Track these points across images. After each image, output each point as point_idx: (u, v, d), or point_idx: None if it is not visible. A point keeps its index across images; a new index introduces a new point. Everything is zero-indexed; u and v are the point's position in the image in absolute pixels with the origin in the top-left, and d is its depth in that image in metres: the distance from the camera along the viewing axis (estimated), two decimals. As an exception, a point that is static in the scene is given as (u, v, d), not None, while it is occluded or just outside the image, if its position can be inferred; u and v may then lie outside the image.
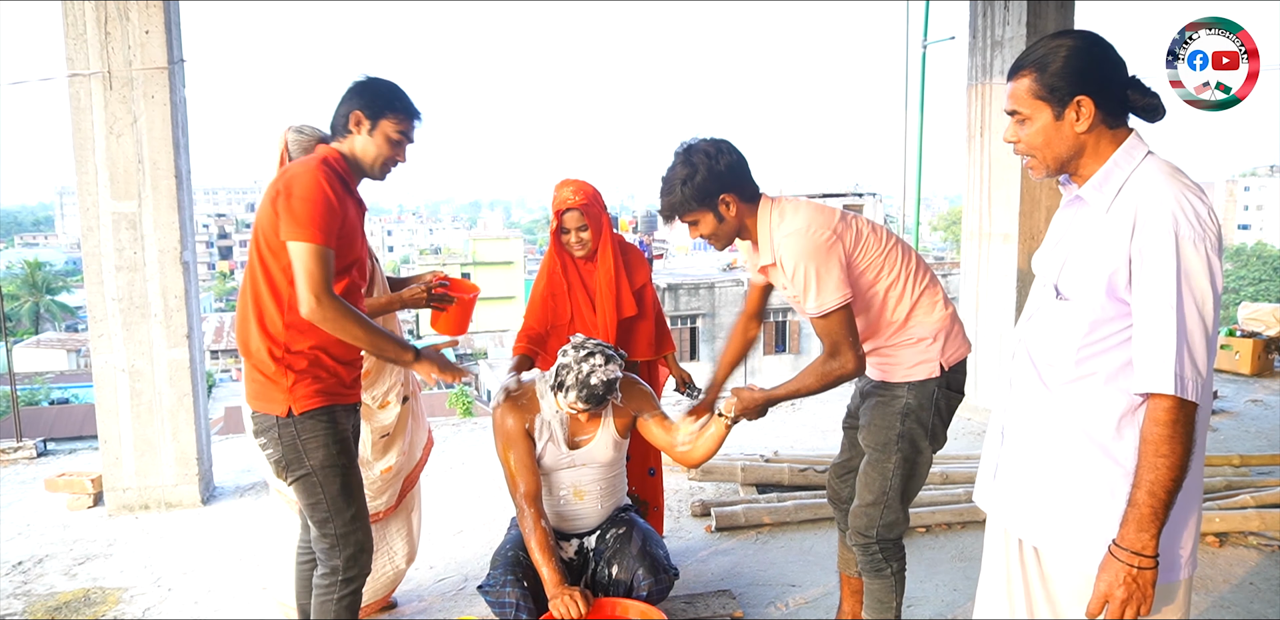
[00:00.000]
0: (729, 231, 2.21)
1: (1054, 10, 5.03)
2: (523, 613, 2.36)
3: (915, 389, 2.27)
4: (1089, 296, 1.52)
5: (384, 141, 2.15)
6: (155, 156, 3.93)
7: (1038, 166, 1.60)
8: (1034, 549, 1.64)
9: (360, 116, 2.13)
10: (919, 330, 2.24)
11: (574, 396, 2.37)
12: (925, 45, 7.00)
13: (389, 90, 2.17)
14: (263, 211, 2.06)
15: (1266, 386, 6.35)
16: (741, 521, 3.69)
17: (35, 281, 39.48)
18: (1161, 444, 1.40)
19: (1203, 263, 1.41)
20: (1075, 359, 1.55)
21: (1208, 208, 1.45)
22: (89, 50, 3.85)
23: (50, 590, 3.25)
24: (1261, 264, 45.53)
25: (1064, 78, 1.50)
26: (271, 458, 2.15)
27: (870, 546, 2.37)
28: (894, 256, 2.22)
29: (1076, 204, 1.61)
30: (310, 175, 2.01)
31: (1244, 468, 4.28)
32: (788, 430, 5.34)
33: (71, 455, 5.05)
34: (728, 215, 2.15)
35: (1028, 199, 5.07)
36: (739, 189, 2.14)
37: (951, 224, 52.52)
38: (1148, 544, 1.41)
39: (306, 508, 2.19)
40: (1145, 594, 1.41)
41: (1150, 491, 1.40)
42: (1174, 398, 1.40)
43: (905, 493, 2.34)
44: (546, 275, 2.93)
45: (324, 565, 2.21)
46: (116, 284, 3.96)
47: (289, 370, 2.08)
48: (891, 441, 2.29)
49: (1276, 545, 3.38)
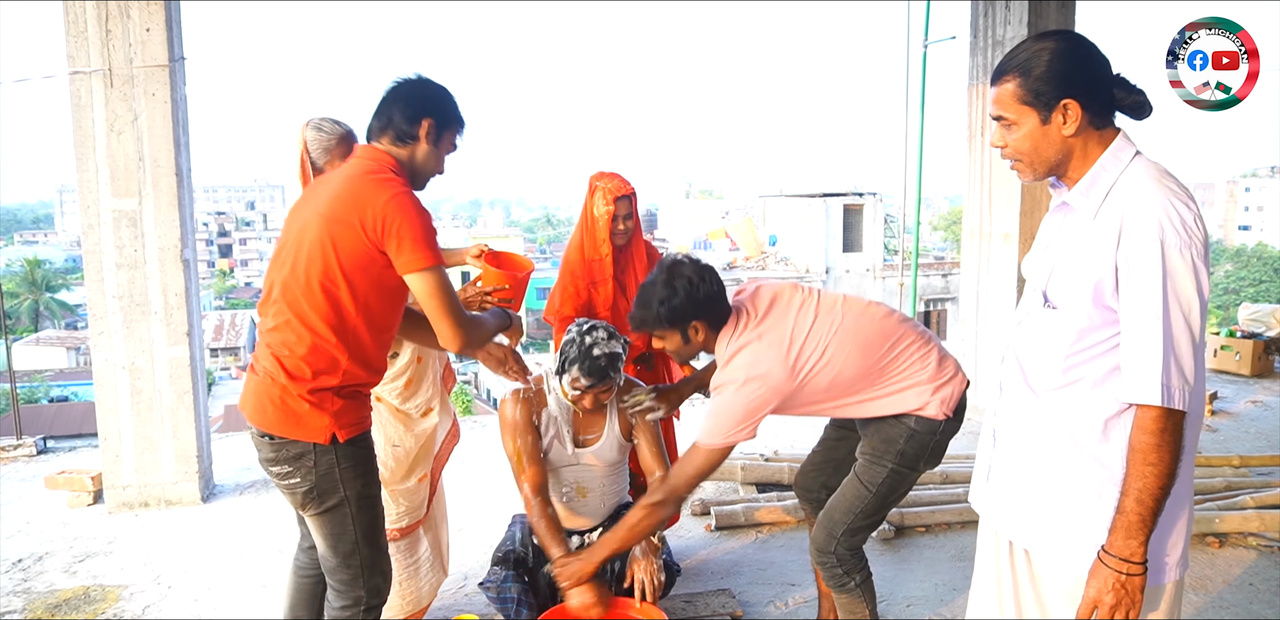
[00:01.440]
0: (690, 353, 2.28)
1: (1055, 10, 5.03)
2: (524, 608, 2.37)
3: (921, 420, 2.25)
4: (1076, 304, 1.51)
5: (441, 155, 2.06)
6: (156, 154, 3.93)
7: (1025, 170, 1.59)
8: (1024, 551, 1.64)
9: (432, 126, 1.99)
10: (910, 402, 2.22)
11: (576, 371, 2.37)
12: (926, 45, 6.99)
13: (453, 99, 2.06)
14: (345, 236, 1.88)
15: (1267, 387, 6.35)
16: (741, 520, 3.69)
17: (35, 279, 39.46)
18: (1149, 452, 1.41)
19: (1189, 270, 1.40)
20: (1063, 366, 1.54)
21: (1194, 214, 1.44)
22: (90, 48, 3.85)
23: (50, 588, 3.25)
24: (1262, 265, 45.53)
25: (1049, 82, 1.48)
26: (298, 488, 1.98)
27: (828, 562, 2.35)
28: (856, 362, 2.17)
29: (1064, 209, 1.59)
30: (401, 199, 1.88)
31: (1244, 468, 4.28)
32: (787, 429, 5.34)
33: (71, 453, 5.05)
34: (694, 339, 2.21)
35: (1028, 198, 5.07)
36: (710, 318, 2.19)
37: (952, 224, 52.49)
38: (1136, 551, 1.42)
39: (330, 538, 2.03)
40: (1134, 599, 1.43)
41: (1138, 499, 1.41)
42: (1160, 407, 1.40)
43: (883, 506, 2.31)
44: (584, 264, 2.94)
45: (345, 597, 2.08)
46: (117, 282, 3.96)
47: (336, 396, 1.95)
48: (887, 453, 2.27)
49: (1276, 546, 3.38)
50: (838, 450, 2.54)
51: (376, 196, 1.88)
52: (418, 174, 2.04)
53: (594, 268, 2.95)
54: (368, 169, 1.95)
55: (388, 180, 1.92)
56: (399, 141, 1.99)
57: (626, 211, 2.91)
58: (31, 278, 39.41)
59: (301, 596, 2.34)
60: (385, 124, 1.99)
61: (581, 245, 2.96)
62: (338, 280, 1.90)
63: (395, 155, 1.99)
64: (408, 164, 2.01)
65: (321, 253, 1.90)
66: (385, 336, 2.04)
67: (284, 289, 1.95)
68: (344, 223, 1.88)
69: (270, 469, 2.01)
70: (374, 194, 1.88)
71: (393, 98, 1.99)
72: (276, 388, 1.94)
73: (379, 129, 2.00)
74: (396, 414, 2.59)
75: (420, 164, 2.02)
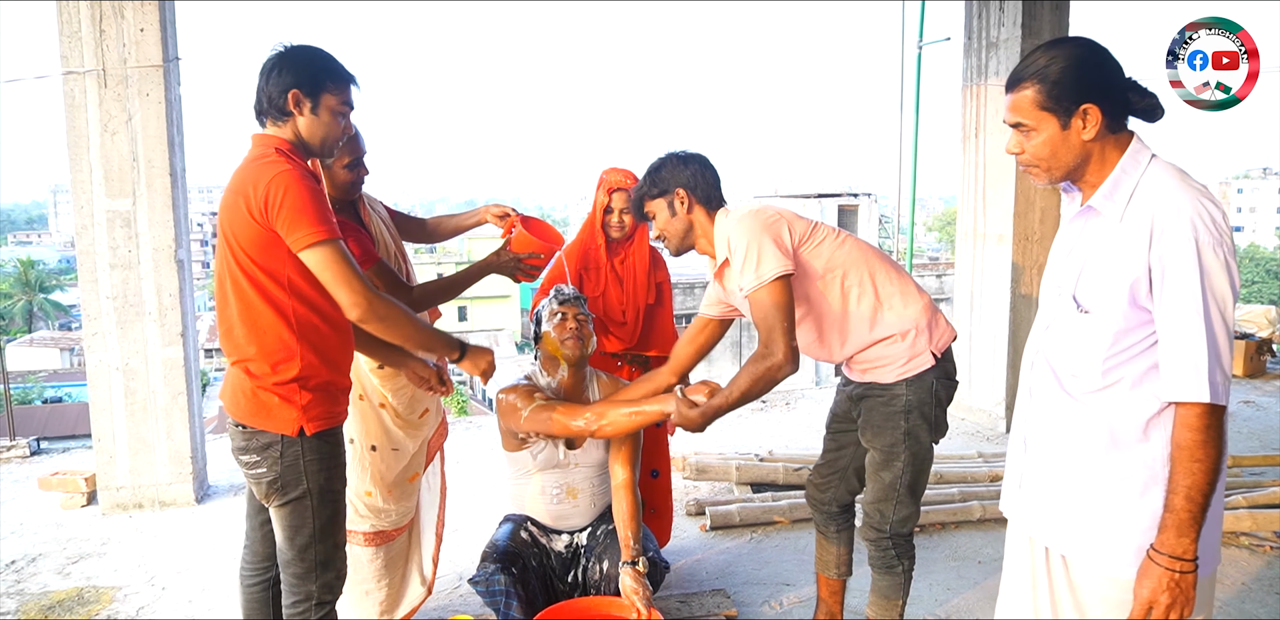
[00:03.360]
0: (679, 229, 2.29)
1: (1049, 11, 5.04)
2: (513, 599, 2.36)
3: (914, 384, 2.27)
4: (1110, 307, 1.51)
5: (330, 118, 1.98)
6: (150, 154, 3.92)
7: (1041, 175, 1.59)
8: (1061, 556, 1.63)
9: (299, 96, 1.93)
10: (897, 324, 2.24)
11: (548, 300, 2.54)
12: (920, 46, 7.01)
13: (321, 59, 1.98)
14: (239, 225, 1.89)
15: (1259, 388, 6.37)
16: (736, 521, 3.69)
17: (29, 280, 39.32)
18: (1197, 449, 1.42)
19: (1222, 267, 1.42)
20: (1101, 370, 1.54)
21: (1221, 212, 1.46)
22: (84, 48, 3.84)
23: (44, 589, 3.24)
24: (1254, 266, 45.72)
25: (1068, 87, 1.50)
26: (263, 478, 1.99)
27: (883, 542, 2.39)
28: (850, 251, 2.26)
29: (1087, 214, 1.59)
30: (281, 178, 1.85)
31: (1236, 469, 4.30)
32: (782, 429, 5.35)
33: (65, 454, 5.03)
34: (679, 210, 2.27)
35: (1022, 200, 5.08)
36: (696, 191, 2.26)
37: (946, 224, 52.61)
38: (1189, 548, 1.43)
39: (288, 530, 2.03)
40: (1189, 597, 1.43)
41: (1188, 496, 1.42)
42: (1205, 404, 1.41)
43: (915, 488, 2.35)
44: (581, 248, 3.00)
45: (297, 591, 2.07)
46: (111, 282, 3.95)
47: (302, 389, 1.96)
48: (899, 441, 2.30)
49: (1268, 546, 3.40)
50: (839, 460, 2.55)
51: (259, 179, 1.87)
52: (314, 146, 2.00)
53: (589, 253, 3.00)
54: (253, 156, 1.95)
55: (271, 162, 1.89)
56: (279, 121, 1.97)
57: (624, 205, 2.95)
58: (25, 278, 39.28)
59: (252, 605, 2.31)
60: (261, 107, 1.97)
61: (582, 230, 3.04)
62: (252, 270, 1.91)
63: (281, 135, 1.97)
64: (297, 140, 1.98)
65: (229, 246, 1.92)
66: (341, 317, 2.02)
67: (223, 288, 1.97)
68: (235, 210, 1.89)
69: (239, 458, 2.03)
70: (256, 177, 1.88)
71: (260, 78, 1.96)
72: (249, 379, 1.97)
73: (259, 113, 1.99)
74: (396, 420, 2.61)
75: (310, 136, 1.98)
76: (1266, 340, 6.99)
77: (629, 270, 3.02)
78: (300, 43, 2.00)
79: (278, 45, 1.99)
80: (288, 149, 1.95)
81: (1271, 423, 5.41)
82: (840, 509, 2.59)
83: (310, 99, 1.95)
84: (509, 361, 28.64)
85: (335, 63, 2.00)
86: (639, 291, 3.02)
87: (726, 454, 4.51)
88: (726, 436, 5.17)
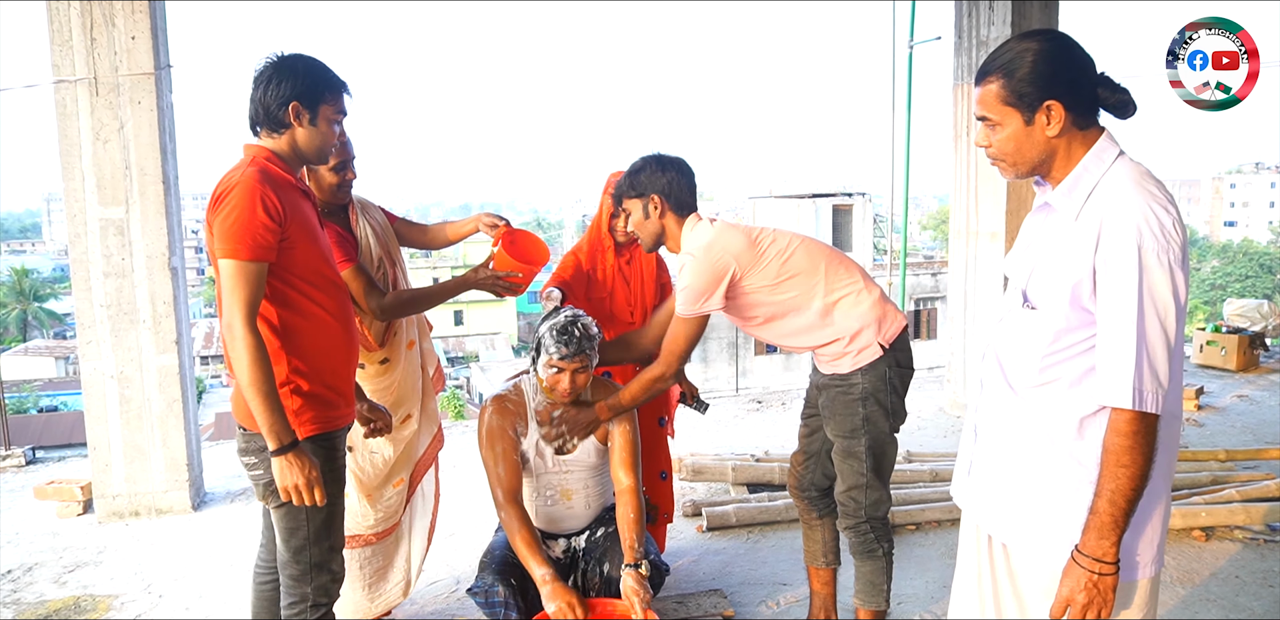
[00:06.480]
0: (651, 231, 2.46)
1: (1038, 10, 5.07)
2: (512, 611, 2.37)
3: (868, 373, 2.41)
4: (1054, 305, 1.52)
5: (327, 128, 2.00)
6: (142, 162, 3.92)
7: (1007, 169, 1.60)
8: (1003, 545, 1.66)
9: (299, 108, 1.95)
10: (851, 323, 2.39)
11: (550, 342, 2.40)
12: (912, 45, 7.02)
13: (316, 69, 1.99)
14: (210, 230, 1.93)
15: (1252, 382, 6.40)
16: (733, 521, 3.70)
17: (23, 288, 39.17)
18: (1123, 454, 1.42)
19: (1165, 274, 1.40)
20: (1040, 366, 1.56)
21: (1173, 218, 1.44)
22: (75, 56, 3.84)
23: (40, 598, 3.24)
24: (1247, 260, 45.87)
25: (1032, 83, 1.48)
26: (260, 479, 2.04)
27: (860, 526, 2.51)
28: (799, 261, 2.38)
29: (1046, 209, 1.60)
30: (235, 190, 1.87)
31: (1229, 462, 4.31)
32: (777, 430, 5.36)
33: (61, 463, 5.02)
34: (652, 214, 2.43)
35: (1014, 198, 5.10)
36: (670, 198, 2.42)
37: (940, 223, 52.71)
38: (1108, 551, 1.44)
39: (284, 532, 2.07)
40: (1106, 598, 1.45)
41: (1111, 500, 1.43)
42: (1134, 410, 1.41)
43: (880, 472, 2.48)
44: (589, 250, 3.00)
45: (292, 593, 2.11)
46: (105, 290, 3.95)
47: (293, 393, 1.98)
48: (858, 427, 2.44)
49: (1262, 539, 3.42)
50: (812, 445, 2.67)
51: (219, 188, 1.90)
52: (310, 155, 2.03)
53: (597, 255, 3.02)
54: (235, 165, 1.97)
55: (240, 175, 1.90)
56: (275, 132, 1.98)
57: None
58: (19, 287, 39.13)
59: (262, 603, 2.36)
60: (256, 118, 1.98)
61: (589, 232, 3.08)
62: None
63: (273, 147, 1.99)
64: (290, 151, 2.00)
65: (210, 254, 1.95)
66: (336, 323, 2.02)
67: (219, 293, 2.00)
68: (207, 219, 1.94)
69: (241, 459, 2.10)
70: (220, 187, 1.91)
71: (256, 88, 1.97)
72: None
73: (254, 123, 2.00)
74: None
75: (307, 147, 2.01)
76: (1260, 335, 7.02)
77: (635, 271, 3.06)
78: (292, 52, 2.02)
79: (270, 54, 1.99)
80: (275, 160, 1.97)
81: (1265, 417, 5.43)
82: (820, 494, 2.71)
83: (310, 111, 1.97)
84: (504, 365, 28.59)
85: (329, 72, 2.02)
86: (646, 292, 3.06)
87: (722, 455, 4.51)
88: (722, 437, 5.18)
